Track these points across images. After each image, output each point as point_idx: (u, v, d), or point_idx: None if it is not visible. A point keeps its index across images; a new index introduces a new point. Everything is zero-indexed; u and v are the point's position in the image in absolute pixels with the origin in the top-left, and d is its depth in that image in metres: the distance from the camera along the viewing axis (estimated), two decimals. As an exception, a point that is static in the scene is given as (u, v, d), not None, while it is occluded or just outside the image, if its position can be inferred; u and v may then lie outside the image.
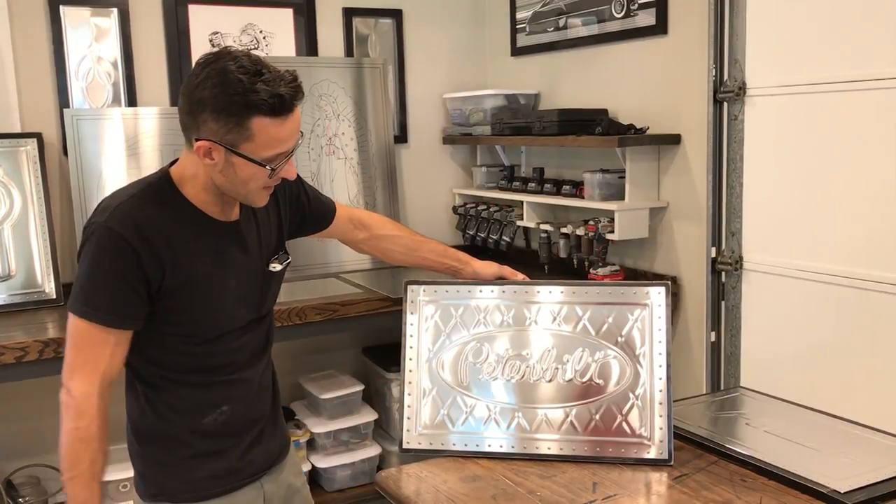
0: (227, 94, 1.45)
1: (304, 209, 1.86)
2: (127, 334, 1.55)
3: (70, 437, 1.52)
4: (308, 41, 3.36)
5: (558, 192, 3.07)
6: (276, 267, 1.72)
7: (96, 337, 1.52)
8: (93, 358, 1.52)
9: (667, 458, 1.65)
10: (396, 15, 3.54)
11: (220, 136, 1.48)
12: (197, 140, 1.49)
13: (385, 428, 3.29)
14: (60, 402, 1.54)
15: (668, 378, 1.70)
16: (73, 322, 1.53)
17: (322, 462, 3.08)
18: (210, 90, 1.46)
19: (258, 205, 1.62)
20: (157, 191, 1.58)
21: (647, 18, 2.82)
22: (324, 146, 3.33)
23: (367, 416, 3.17)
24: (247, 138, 1.48)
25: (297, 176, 1.86)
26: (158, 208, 1.55)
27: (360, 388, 3.19)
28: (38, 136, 2.88)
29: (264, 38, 3.28)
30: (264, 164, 1.51)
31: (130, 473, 1.71)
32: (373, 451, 3.16)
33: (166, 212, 1.55)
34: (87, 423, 1.52)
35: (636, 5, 2.86)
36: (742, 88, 2.51)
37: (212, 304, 1.60)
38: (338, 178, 3.35)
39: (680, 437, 1.75)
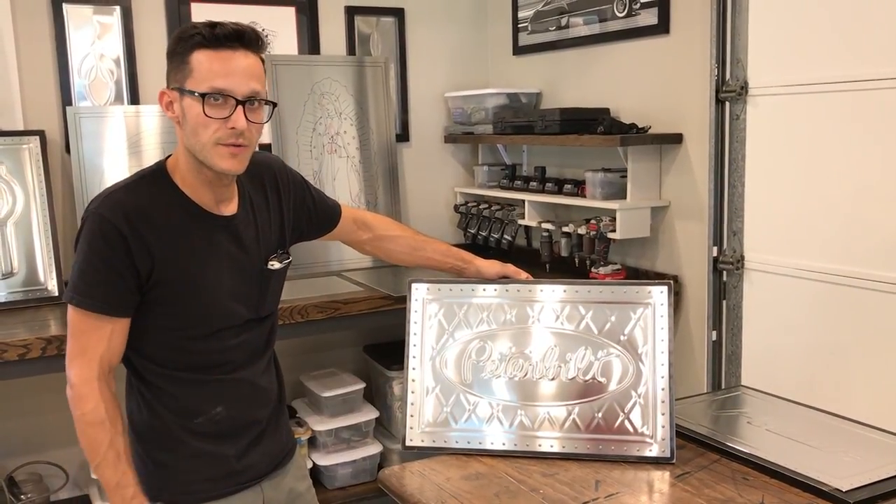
0: (177, 39, 1.52)
1: (309, 212, 1.85)
2: (123, 322, 1.55)
3: (81, 425, 1.53)
4: (310, 40, 3.36)
5: (560, 191, 3.07)
6: (274, 265, 1.71)
7: (91, 325, 1.52)
8: (90, 345, 1.53)
9: (669, 456, 1.66)
10: (398, 13, 3.54)
11: (172, 78, 1.53)
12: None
13: (386, 426, 3.29)
14: (69, 393, 1.54)
15: (671, 377, 1.71)
16: (69, 311, 1.55)
17: (323, 460, 3.08)
18: (169, 44, 1.55)
19: (219, 167, 1.54)
20: (151, 181, 1.59)
21: (649, 18, 2.83)
22: (326, 144, 3.33)
23: (369, 413, 3.18)
24: (188, 73, 1.51)
25: (303, 178, 1.86)
26: (150, 198, 1.55)
27: (361, 386, 3.19)
28: (41, 134, 2.88)
29: (266, 36, 3.27)
30: (194, 92, 1.49)
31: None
32: (374, 449, 3.17)
33: (158, 201, 1.56)
34: (94, 407, 1.52)
35: (638, 4, 2.86)
36: (744, 88, 2.52)
37: (204, 298, 1.59)
38: (339, 176, 3.36)
39: (682, 435, 1.75)
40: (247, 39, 1.52)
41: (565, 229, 2.99)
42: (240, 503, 1.69)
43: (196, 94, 1.50)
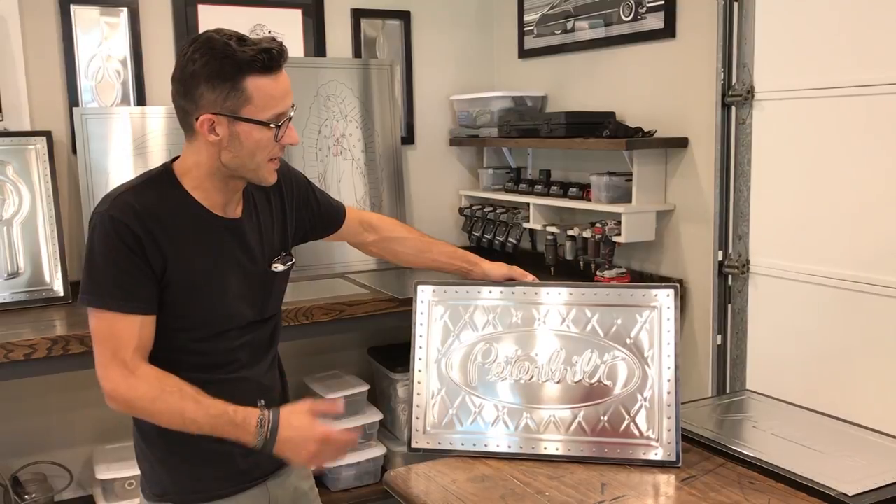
0: (216, 60, 1.48)
1: (313, 212, 1.86)
2: (149, 318, 1.53)
3: (150, 412, 1.51)
4: (316, 42, 3.37)
5: (565, 195, 3.08)
6: (278, 267, 1.72)
7: (119, 326, 1.50)
8: (121, 346, 1.50)
9: (674, 459, 1.66)
10: (404, 16, 3.55)
11: (220, 104, 1.49)
12: (198, 119, 1.51)
13: (390, 428, 3.29)
14: (114, 402, 1.51)
15: (677, 380, 1.71)
16: (93, 318, 1.52)
17: (327, 462, 3.08)
18: (200, 61, 1.48)
19: (269, 181, 1.61)
20: (158, 183, 1.59)
21: (655, 22, 2.83)
22: (331, 147, 3.34)
23: (373, 416, 3.17)
24: (245, 100, 1.49)
25: (306, 179, 1.87)
26: (158, 199, 1.55)
27: (365, 388, 3.19)
28: (48, 135, 2.89)
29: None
30: (268, 124, 1.52)
31: (136, 472, 1.71)
32: (378, 451, 3.17)
33: (166, 203, 1.56)
34: (146, 389, 1.49)
35: (644, 8, 2.87)
36: (750, 92, 2.52)
37: (210, 300, 1.60)
38: (345, 178, 3.36)
39: (687, 439, 1.75)
40: (286, 55, 1.54)
41: (570, 233, 2.99)
42: (246, 502, 1.69)
43: (270, 124, 1.52)
